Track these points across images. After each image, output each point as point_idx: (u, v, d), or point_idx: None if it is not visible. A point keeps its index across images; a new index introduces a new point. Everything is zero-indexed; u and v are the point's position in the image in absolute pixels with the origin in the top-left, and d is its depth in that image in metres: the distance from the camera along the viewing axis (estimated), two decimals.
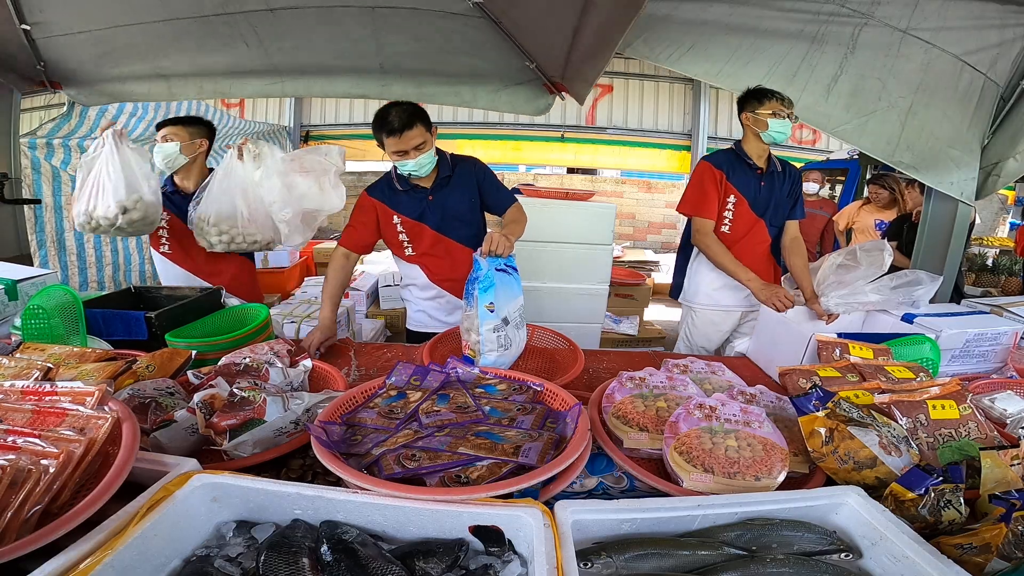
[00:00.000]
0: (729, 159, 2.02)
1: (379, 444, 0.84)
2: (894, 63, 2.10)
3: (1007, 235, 6.59)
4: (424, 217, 1.87)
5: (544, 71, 2.64)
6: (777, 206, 2.02)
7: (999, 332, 1.51)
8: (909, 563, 0.65)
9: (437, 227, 1.89)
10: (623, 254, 5.90)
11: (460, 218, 1.91)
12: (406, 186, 1.85)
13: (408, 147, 1.68)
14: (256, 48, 2.53)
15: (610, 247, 2.85)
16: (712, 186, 2.00)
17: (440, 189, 1.87)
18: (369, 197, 1.91)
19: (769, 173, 2.01)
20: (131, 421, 0.76)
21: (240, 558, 0.66)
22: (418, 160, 1.72)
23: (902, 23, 2.05)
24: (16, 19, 2.18)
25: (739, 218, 2.01)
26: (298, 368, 1.22)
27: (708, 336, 2.17)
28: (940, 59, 2.08)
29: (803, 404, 1.01)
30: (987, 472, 0.83)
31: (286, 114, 6.47)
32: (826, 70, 2.14)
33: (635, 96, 6.49)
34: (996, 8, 2.00)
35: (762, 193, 2.00)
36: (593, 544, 0.70)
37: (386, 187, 1.89)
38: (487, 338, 1.30)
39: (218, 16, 2.29)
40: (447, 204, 1.88)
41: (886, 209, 3.76)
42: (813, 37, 2.13)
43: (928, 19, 2.03)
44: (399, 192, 1.86)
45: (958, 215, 2.29)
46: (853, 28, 2.09)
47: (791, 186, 2.05)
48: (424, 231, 1.89)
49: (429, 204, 1.86)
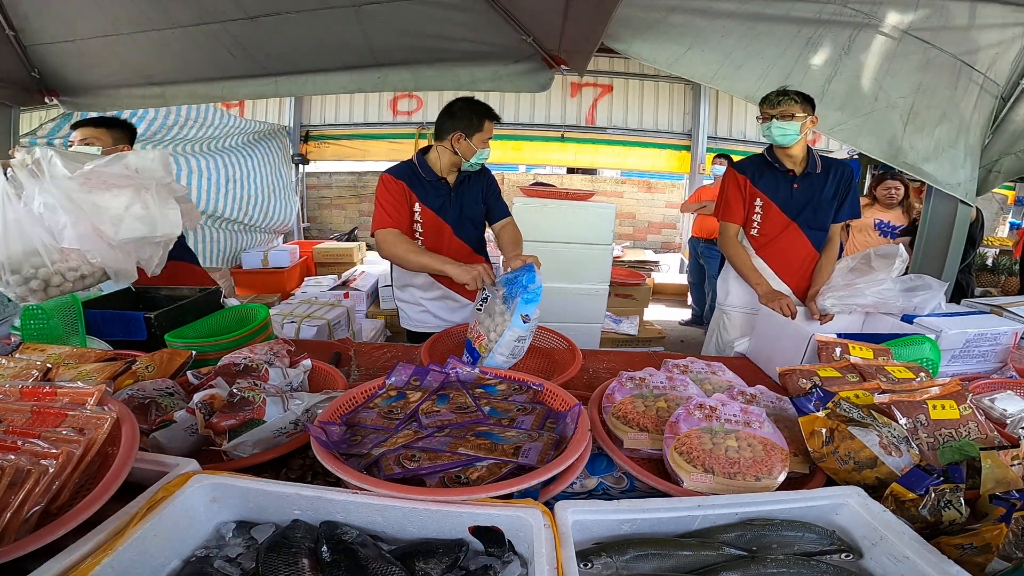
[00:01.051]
0: (755, 163, 2.02)
1: (379, 444, 0.84)
2: (892, 63, 2.11)
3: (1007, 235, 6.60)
4: (444, 212, 1.89)
5: (542, 44, 2.63)
6: (817, 208, 1.96)
7: (999, 332, 1.51)
8: (909, 563, 0.65)
9: (454, 224, 1.91)
10: (623, 254, 5.91)
11: (473, 220, 1.95)
12: (431, 176, 1.86)
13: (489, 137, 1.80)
14: (242, 55, 2.51)
15: (610, 247, 2.86)
16: (735, 191, 2.02)
17: (460, 186, 1.90)
18: (397, 180, 1.83)
19: (805, 175, 1.95)
20: (130, 421, 0.76)
21: (240, 558, 0.66)
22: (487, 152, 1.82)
23: (902, 24, 2.05)
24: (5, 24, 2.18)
25: (768, 221, 1.99)
26: (298, 368, 1.22)
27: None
28: (939, 59, 2.08)
29: (803, 404, 1.01)
30: (987, 472, 0.83)
31: (286, 114, 6.46)
32: (820, 71, 2.16)
33: (635, 96, 6.49)
34: (995, 8, 2.01)
35: (795, 195, 1.96)
36: (593, 544, 0.69)
37: (411, 173, 1.86)
38: (506, 342, 1.30)
39: (197, 27, 2.28)
40: (465, 203, 1.91)
41: (892, 208, 3.74)
42: (809, 39, 2.14)
43: (928, 19, 2.04)
44: (424, 181, 1.86)
45: (958, 215, 2.29)
46: (852, 29, 2.10)
47: (837, 186, 1.97)
48: (442, 227, 1.90)
49: (451, 199, 1.89)
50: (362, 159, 6.72)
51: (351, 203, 7.14)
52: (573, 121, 6.50)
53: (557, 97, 6.37)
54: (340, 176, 7.11)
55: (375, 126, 6.56)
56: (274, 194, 5.72)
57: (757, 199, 2.00)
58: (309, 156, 6.67)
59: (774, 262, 2.01)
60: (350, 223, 7.10)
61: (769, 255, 2.02)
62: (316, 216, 7.20)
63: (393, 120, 6.55)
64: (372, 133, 6.57)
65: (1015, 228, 6.99)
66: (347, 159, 6.77)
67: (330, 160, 6.84)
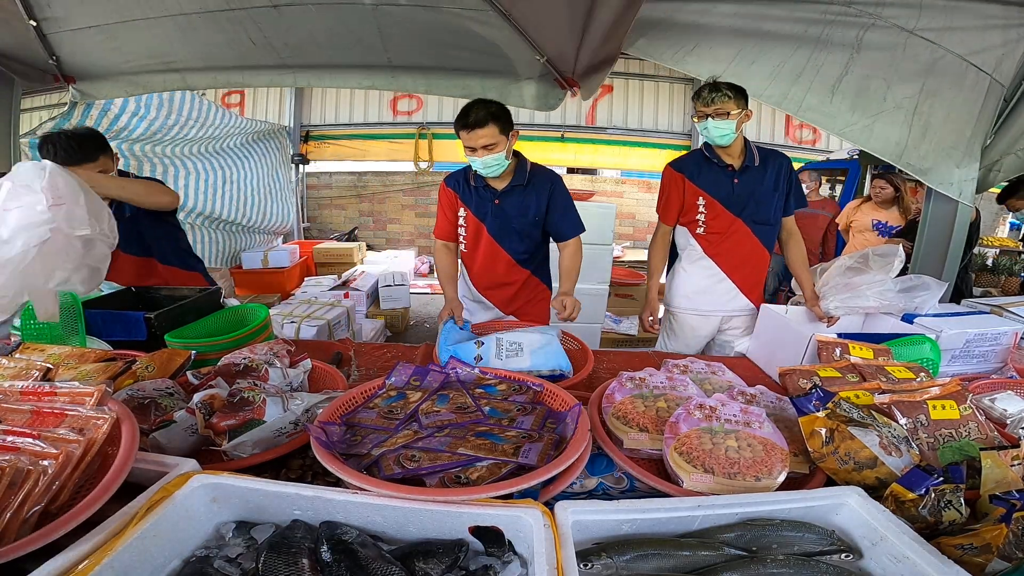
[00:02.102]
0: (695, 160, 1.97)
1: (379, 444, 0.84)
2: (899, 63, 2.10)
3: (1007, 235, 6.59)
4: (486, 219, 1.89)
5: (555, 66, 2.63)
6: (759, 202, 1.91)
7: (999, 332, 1.51)
8: (909, 563, 0.65)
9: (495, 233, 1.91)
10: (623, 254, 5.91)
11: (519, 231, 1.92)
12: (479, 183, 1.88)
13: (477, 144, 1.71)
14: (262, 44, 2.53)
15: (610, 247, 2.86)
16: (673, 190, 1.98)
17: (508, 195, 1.87)
18: (446, 188, 1.95)
19: (744, 169, 1.90)
20: (130, 421, 0.76)
21: (240, 558, 0.66)
22: (485, 160, 1.73)
23: (908, 24, 2.04)
24: (25, 15, 2.18)
25: (714, 219, 1.95)
26: (298, 368, 1.22)
27: (687, 341, 2.11)
28: (945, 60, 2.08)
29: (803, 404, 1.01)
30: (987, 472, 0.83)
31: (286, 113, 6.46)
32: (831, 71, 2.14)
33: (635, 96, 6.49)
34: (1001, 8, 2.00)
35: (736, 191, 1.91)
36: (593, 544, 0.69)
37: (462, 179, 1.92)
38: None
39: (222, 12, 2.29)
40: (510, 213, 1.88)
41: (885, 207, 3.75)
42: (818, 38, 2.12)
43: (934, 20, 2.03)
44: (472, 187, 1.89)
45: (958, 215, 2.29)
46: (859, 29, 2.09)
47: (776, 178, 1.91)
48: (482, 233, 1.91)
49: (494, 207, 1.88)
50: (362, 159, 6.72)
51: (351, 203, 7.14)
52: (573, 121, 6.49)
53: None
54: (340, 176, 7.10)
55: (375, 126, 6.56)
56: (271, 195, 5.72)
57: (699, 197, 1.94)
58: (309, 156, 6.67)
59: (723, 260, 1.97)
60: (350, 223, 7.10)
61: (717, 253, 1.97)
62: (316, 216, 7.20)
63: (393, 120, 6.55)
64: (372, 133, 6.56)
65: (1015, 228, 6.99)
66: (347, 159, 6.78)
67: (330, 160, 6.84)
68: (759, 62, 2.16)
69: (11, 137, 2.68)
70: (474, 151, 1.73)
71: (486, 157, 1.73)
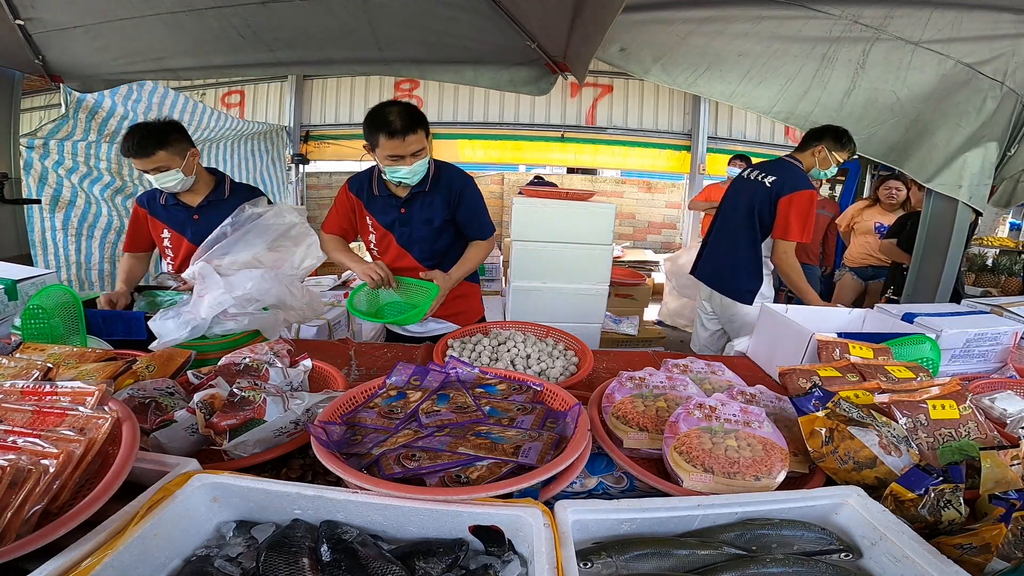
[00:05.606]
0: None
1: (379, 444, 0.84)
2: (907, 75, 2.11)
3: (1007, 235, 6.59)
4: (393, 228, 1.80)
5: (546, 50, 2.63)
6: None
7: (999, 332, 1.51)
8: (909, 563, 0.65)
9: (404, 243, 1.81)
10: (623, 254, 5.90)
11: (426, 238, 1.81)
12: (383, 191, 1.77)
13: (407, 152, 1.58)
14: (252, 40, 2.53)
15: (610, 247, 2.85)
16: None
17: (412, 202, 1.76)
18: (349, 192, 1.82)
19: None
20: (131, 421, 0.76)
21: (240, 558, 0.66)
22: (413, 167, 1.61)
23: (915, 35, 2.05)
24: (10, 15, 2.17)
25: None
26: (298, 368, 1.22)
27: None
28: (954, 70, 2.08)
29: (803, 404, 1.01)
30: (987, 472, 0.83)
31: (286, 114, 6.46)
32: (838, 85, 2.17)
33: (635, 96, 6.48)
34: (1011, 17, 1.99)
35: None
36: (593, 544, 0.70)
37: (367, 185, 1.81)
38: None
39: (209, 10, 2.28)
40: (415, 220, 1.78)
41: (894, 211, 3.74)
42: (824, 55, 2.15)
43: (941, 30, 2.03)
44: (375, 196, 1.79)
45: (958, 215, 2.29)
46: (865, 44, 2.10)
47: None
48: (391, 243, 1.82)
49: (400, 216, 1.77)
50: (362, 159, 6.71)
51: None
52: (573, 121, 6.49)
53: (557, 97, 6.36)
54: (340, 176, 7.10)
55: None
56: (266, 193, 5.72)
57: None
58: (309, 156, 6.66)
59: None
60: None
61: None
62: (316, 216, 7.20)
63: None
64: None
65: (1015, 228, 6.98)
66: (347, 159, 6.77)
67: (330, 160, 6.83)
68: (767, 82, 2.21)
69: (11, 137, 2.68)
70: (402, 159, 1.58)
71: (415, 164, 1.60)
